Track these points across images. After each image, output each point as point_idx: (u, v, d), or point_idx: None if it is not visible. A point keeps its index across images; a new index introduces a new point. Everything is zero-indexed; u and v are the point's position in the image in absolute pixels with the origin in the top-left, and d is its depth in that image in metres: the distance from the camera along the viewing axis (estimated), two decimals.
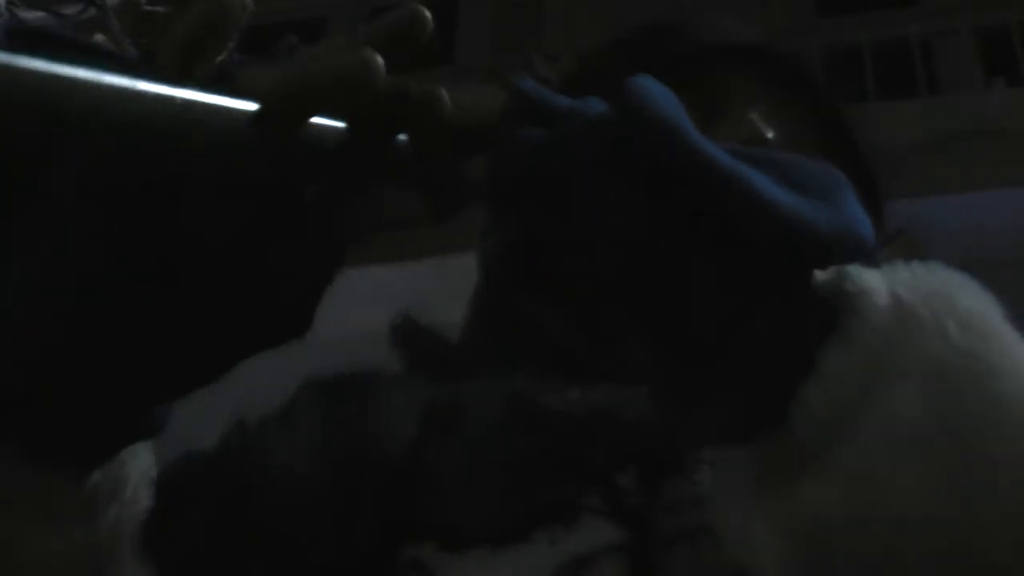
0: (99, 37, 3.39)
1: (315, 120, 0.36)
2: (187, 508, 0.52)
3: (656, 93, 0.36)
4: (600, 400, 0.56)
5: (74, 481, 0.40)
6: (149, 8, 3.87)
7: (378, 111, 0.36)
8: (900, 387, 0.35)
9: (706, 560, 0.51)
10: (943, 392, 0.35)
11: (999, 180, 4.11)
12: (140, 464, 0.43)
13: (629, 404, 0.55)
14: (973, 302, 0.37)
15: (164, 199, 0.36)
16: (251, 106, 0.35)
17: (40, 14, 3.71)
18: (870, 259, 0.38)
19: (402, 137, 0.38)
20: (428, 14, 0.37)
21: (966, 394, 0.35)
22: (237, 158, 0.35)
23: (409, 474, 0.56)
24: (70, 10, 3.68)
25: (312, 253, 0.38)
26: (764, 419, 0.36)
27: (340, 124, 0.37)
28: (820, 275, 0.37)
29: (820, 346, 0.36)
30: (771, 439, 0.36)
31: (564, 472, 0.54)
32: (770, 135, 0.65)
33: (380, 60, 0.36)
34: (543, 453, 0.55)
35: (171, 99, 0.33)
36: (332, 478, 0.57)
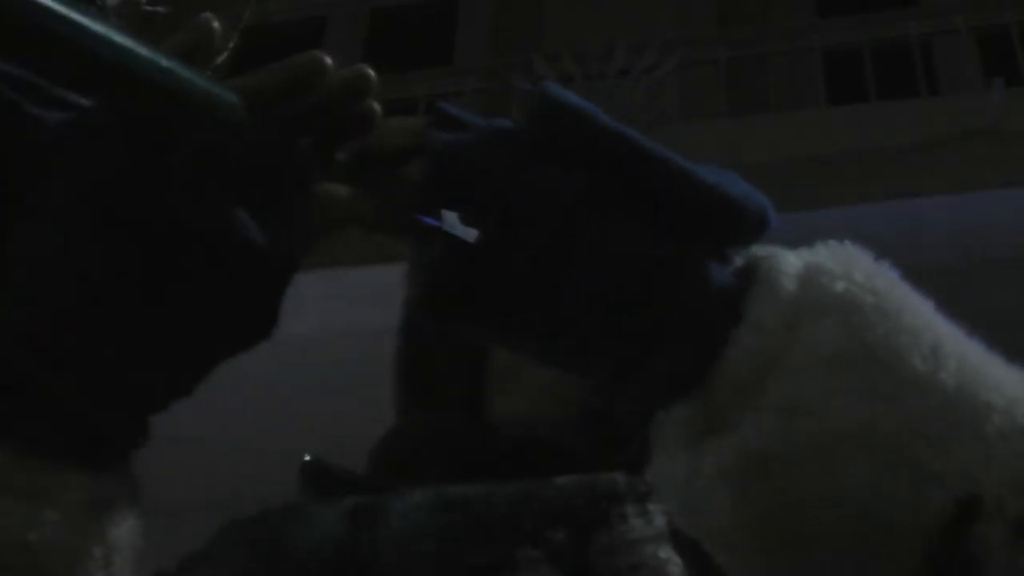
0: None
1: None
2: None
3: (566, 92, 0.40)
4: (517, 490, 0.58)
5: (65, 476, 0.39)
6: (149, 8, 3.87)
7: (327, 120, 0.40)
8: (820, 322, 0.39)
9: None
10: (859, 323, 0.39)
11: (999, 180, 4.11)
12: (125, 533, 0.43)
13: (550, 488, 0.58)
14: (872, 263, 0.41)
15: (152, 195, 0.37)
16: (227, 95, 0.38)
17: None
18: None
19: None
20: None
21: (880, 324, 0.39)
22: (221, 145, 0.38)
23: (343, 568, 0.57)
24: None
25: (276, 245, 0.40)
26: (701, 369, 0.39)
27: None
28: (736, 252, 0.42)
29: (745, 298, 0.40)
30: (709, 389, 0.40)
31: (495, 536, 0.56)
32: None
33: (327, 58, 0.39)
34: (471, 526, 0.57)
35: (159, 63, 0.36)
36: None
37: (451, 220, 0.39)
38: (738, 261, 0.42)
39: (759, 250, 0.42)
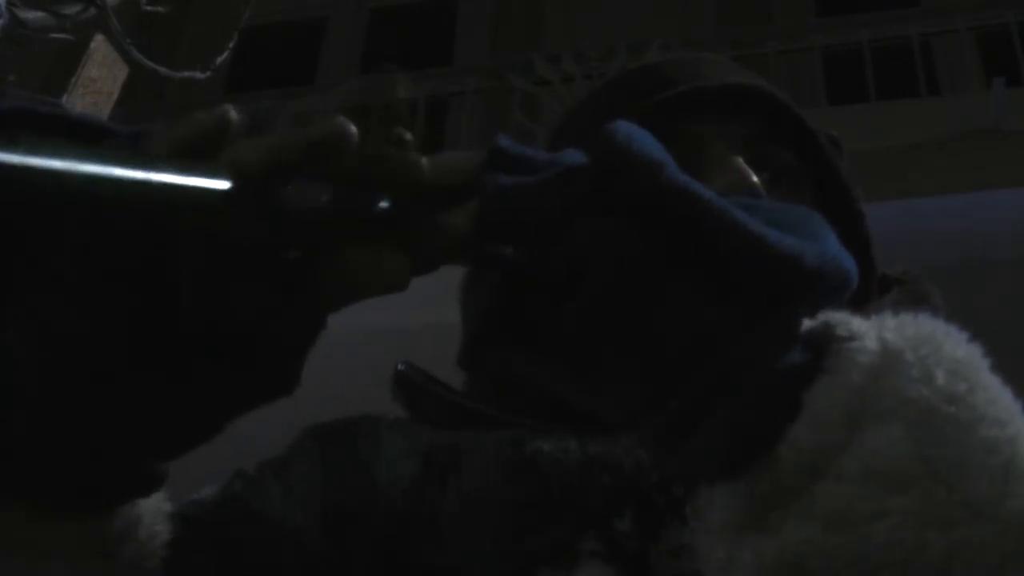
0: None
1: (297, 185, 0.36)
2: (190, 557, 0.51)
3: (636, 134, 0.36)
4: (597, 449, 0.55)
5: (83, 527, 0.42)
6: (149, 8, 3.88)
7: (357, 175, 0.37)
8: (886, 429, 0.35)
9: None
10: (929, 435, 0.35)
11: (999, 180, 4.11)
12: (151, 503, 0.45)
13: (626, 452, 0.55)
14: (960, 350, 0.37)
15: (155, 267, 0.36)
16: (225, 183, 0.35)
17: (40, 14, 3.71)
18: (854, 301, 0.38)
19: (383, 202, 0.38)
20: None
21: (952, 438, 0.35)
22: (221, 227, 0.35)
23: (407, 518, 0.55)
24: (70, 10, 3.68)
25: (296, 315, 0.38)
26: (751, 457, 0.36)
27: (322, 188, 0.37)
28: (808, 319, 0.38)
29: (808, 387, 0.36)
30: (757, 477, 0.36)
31: (561, 516, 0.54)
32: (755, 179, 0.64)
33: (353, 128, 0.35)
34: (540, 498, 0.54)
35: (149, 182, 0.33)
36: (326, 527, 0.56)
37: (506, 256, 0.37)
38: (810, 324, 0.38)
39: (835, 323, 0.37)
